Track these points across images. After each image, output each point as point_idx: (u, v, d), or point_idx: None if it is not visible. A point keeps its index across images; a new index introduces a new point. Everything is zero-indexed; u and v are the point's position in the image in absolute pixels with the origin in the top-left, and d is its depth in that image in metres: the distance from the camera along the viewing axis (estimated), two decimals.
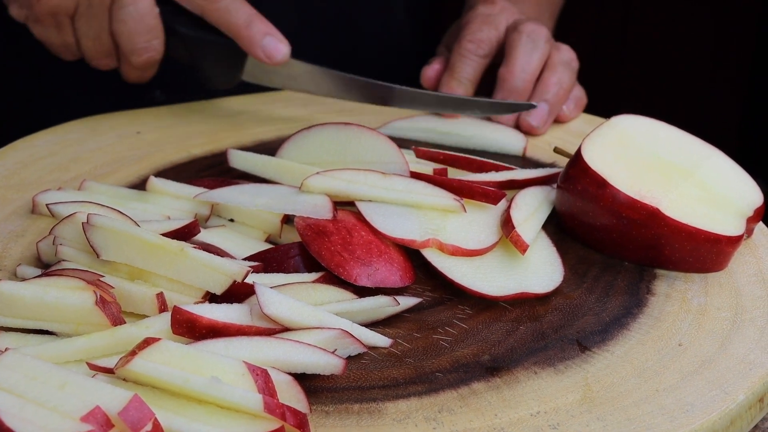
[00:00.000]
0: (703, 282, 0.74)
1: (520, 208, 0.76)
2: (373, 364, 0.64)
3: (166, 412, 0.54)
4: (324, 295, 0.67)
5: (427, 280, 0.74)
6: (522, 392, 0.62)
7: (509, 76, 0.97)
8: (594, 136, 0.78)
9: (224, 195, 0.77)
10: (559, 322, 0.69)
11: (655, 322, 0.69)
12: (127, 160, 0.91)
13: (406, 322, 0.69)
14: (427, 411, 0.60)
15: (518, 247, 0.72)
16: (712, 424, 0.60)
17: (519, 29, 0.98)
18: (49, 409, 0.52)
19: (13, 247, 0.75)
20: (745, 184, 0.78)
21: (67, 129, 0.96)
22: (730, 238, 0.73)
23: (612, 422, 0.59)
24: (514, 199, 0.77)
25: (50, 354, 0.60)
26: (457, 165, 0.84)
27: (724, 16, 2.09)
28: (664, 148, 0.78)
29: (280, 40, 0.92)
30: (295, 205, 0.75)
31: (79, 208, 0.72)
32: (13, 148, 0.92)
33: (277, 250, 0.73)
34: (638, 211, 0.73)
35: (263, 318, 0.62)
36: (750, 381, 0.63)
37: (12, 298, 0.62)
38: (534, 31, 0.98)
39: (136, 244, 0.65)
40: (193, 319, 0.60)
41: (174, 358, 0.56)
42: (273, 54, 0.91)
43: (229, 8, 0.91)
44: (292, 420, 0.55)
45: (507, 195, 0.79)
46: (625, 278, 0.74)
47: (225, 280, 0.64)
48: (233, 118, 1.00)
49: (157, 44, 0.92)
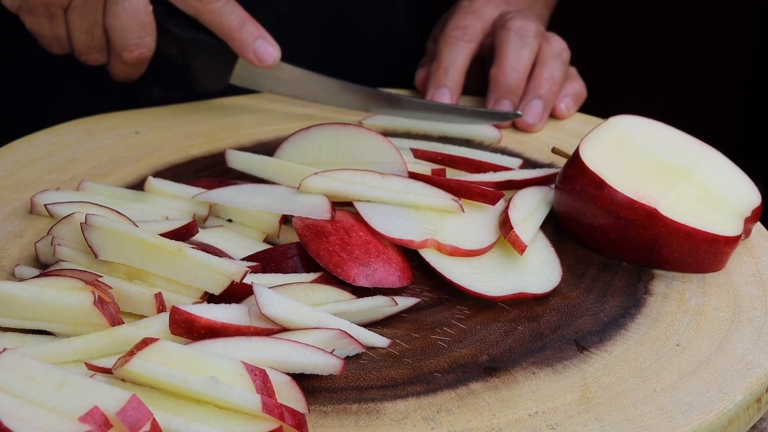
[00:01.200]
0: (701, 282, 0.74)
1: (518, 208, 0.77)
2: (371, 365, 0.64)
3: (164, 413, 0.54)
4: (322, 296, 0.67)
5: (426, 280, 0.74)
6: (520, 392, 0.62)
7: (501, 76, 0.97)
8: (592, 136, 0.78)
9: (222, 195, 0.77)
10: (557, 323, 0.69)
11: (653, 323, 0.69)
12: (126, 160, 0.91)
13: (404, 323, 0.69)
14: (426, 411, 0.60)
15: (516, 247, 0.72)
16: (710, 425, 0.60)
17: (507, 26, 0.98)
18: (48, 409, 0.52)
19: (12, 247, 0.75)
20: (742, 184, 0.78)
21: (65, 129, 0.96)
22: (728, 239, 0.73)
23: (610, 422, 0.59)
24: (512, 200, 0.77)
25: (48, 354, 0.60)
26: (455, 165, 0.84)
27: (722, 15, 2.09)
28: (662, 148, 0.78)
29: (271, 43, 0.92)
30: (293, 205, 0.75)
31: (77, 208, 0.72)
32: (11, 148, 0.92)
33: (276, 250, 0.73)
34: (636, 211, 0.73)
35: (261, 318, 0.62)
36: (748, 381, 0.63)
37: (10, 299, 0.62)
38: (522, 28, 0.98)
39: (135, 244, 0.65)
40: (191, 320, 0.60)
41: (172, 358, 0.56)
42: (264, 57, 0.92)
43: (222, 10, 0.91)
44: (291, 420, 0.55)
45: (505, 195, 0.79)
46: (623, 279, 0.74)
47: (223, 281, 0.64)
48: (232, 119, 1.00)
49: (149, 41, 0.92)
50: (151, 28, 0.91)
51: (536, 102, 0.97)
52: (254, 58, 0.92)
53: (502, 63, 0.97)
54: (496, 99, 0.98)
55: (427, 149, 0.86)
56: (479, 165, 0.84)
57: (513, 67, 0.97)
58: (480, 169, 0.84)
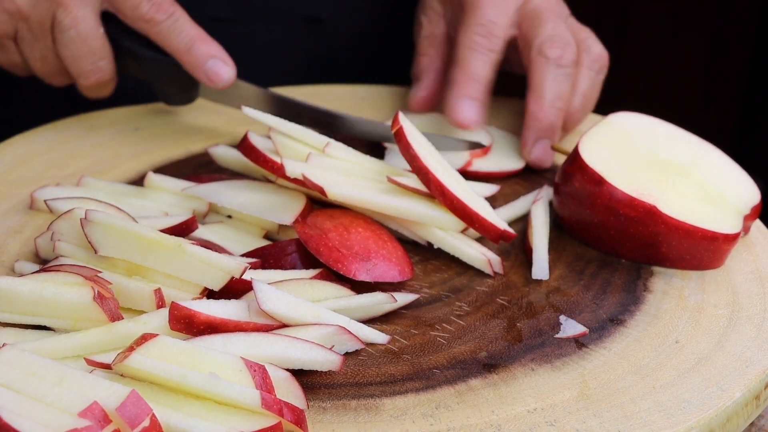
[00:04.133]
0: (700, 279, 0.74)
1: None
2: (370, 361, 0.64)
3: (163, 408, 0.54)
4: (321, 292, 0.67)
5: (425, 276, 0.74)
6: (519, 389, 0.62)
7: (540, 113, 0.87)
8: (591, 133, 0.78)
9: (208, 191, 0.77)
10: (557, 319, 0.69)
11: (651, 320, 0.69)
12: (126, 156, 0.91)
13: (403, 319, 0.69)
14: (425, 407, 0.60)
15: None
16: (709, 422, 0.60)
17: (544, 52, 0.87)
18: (47, 404, 0.52)
19: (11, 242, 0.75)
20: (742, 181, 0.78)
21: (66, 125, 0.96)
22: (727, 236, 0.73)
23: (609, 419, 0.59)
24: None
25: (48, 349, 0.60)
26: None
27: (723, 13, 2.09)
28: (662, 145, 0.79)
29: (225, 62, 0.88)
30: (264, 206, 0.75)
31: (77, 204, 0.72)
32: (11, 144, 0.92)
33: (275, 246, 0.73)
34: (635, 208, 0.73)
35: (261, 314, 0.62)
36: (746, 378, 0.63)
37: (10, 294, 0.62)
38: (561, 57, 0.87)
39: (134, 240, 0.65)
40: (190, 315, 0.60)
41: (172, 353, 0.56)
42: (215, 78, 0.88)
43: (169, 31, 0.88)
44: (290, 416, 0.55)
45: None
46: (622, 275, 0.74)
47: (223, 277, 0.64)
48: (231, 115, 0.99)
49: (104, 65, 0.89)
50: (104, 52, 0.89)
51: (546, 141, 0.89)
52: (206, 78, 0.88)
53: (540, 98, 0.87)
54: (535, 138, 0.88)
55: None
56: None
57: (551, 105, 0.86)
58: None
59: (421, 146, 0.74)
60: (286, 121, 0.79)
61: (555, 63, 0.87)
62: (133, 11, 0.88)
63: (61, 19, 0.87)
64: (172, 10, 0.88)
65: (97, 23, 0.88)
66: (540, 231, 0.77)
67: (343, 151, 0.78)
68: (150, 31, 0.89)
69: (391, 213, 0.74)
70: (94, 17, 0.88)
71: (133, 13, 0.88)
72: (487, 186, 0.84)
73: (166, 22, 0.88)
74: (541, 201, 0.81)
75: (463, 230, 0.76)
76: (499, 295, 0.72)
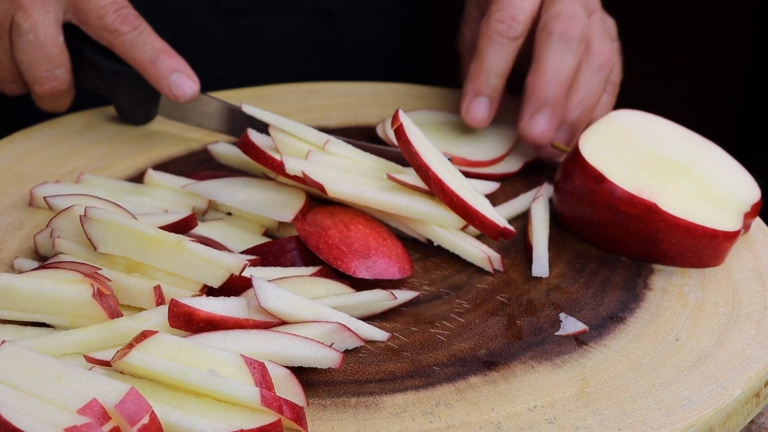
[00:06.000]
0: (700, 277, 0.74)
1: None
2: (370, 358, 0.64)
3: (163, 405, 0.54)
4: (321, 289, 0.67)
5: (425, 274, 0.74)
6: (519, 386, 0.62)
7: (538, 86, 0.84)
8: (592, 131, 0.78)
9: (207, 188, 0.77)
10: (556, 317, 0.69)
11: (652, 317, 0.69)
12: (125, 153, 0.90)
13: (403, 316, 0.69)
14: (424, 405, 0.60)
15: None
16: (709, 419, 0.60)
17: (549, 28, 0.85)
18: (46, 401, 0.52)
19: (11, 239, 0.75)
20: (742, 179, 0.78)
21: (65, 122, 0.96)
22: (727, 234, 0.73)
23: (609, 417, 0.59)
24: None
25: (47, 346, 0.60)
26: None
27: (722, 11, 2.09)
28: (662, 143, 0.78)
29: (189, 76, 0.87)
30: (265, 204, 0.74)
31: (76, 200, 0.72)
32: (10, 141, 0.92)
33: (275, 243, 0.73)
34: (636, 206, 0.73)
35: (260, 311, 0.62)
36: (746, 376, 0.63)
37: (9, 291, 0.62)
38: (566, 31, 0.84)
39: (134, 237, 0.65)
40: (190, 312, 0.60)
41: (171, 351, 0.56)
42: (179, 92, 0.86)
43: (133, 43, 0.86)
44: (289, 413, 0.55)
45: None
46: (622, 273, 0.74)
47: (222, 274, 0.64)
48: None
49: (60, 74, 0.87)
50: (62, 61, 0.87)
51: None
52: (169, 92, 0.86)
53: (540, 71, 0.84)
54: (532, 112, 0.85)
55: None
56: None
57: (551, 78, 0.84)
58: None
59: (420, 143, 0.74)
60: (286, 119, 0.78)
61: (558, 37, 0.84)
62: (98, 21, 0.87)
63: (20, 22, 0.85)
64: (137, 22, 0.87)
65: (57, 30, 0.87)
66: (540, 228, 0.77)
67: (343, 148, 0.78)
68: (114, 42, 0.87)
69: (391, 210, 0.74)
70: (55, 24, 0.87)
71: (97, 23, 0.87)
72: (487, 183, 0.84)
73: (130, 34, 0.87)
74: (541, 198, 0.81)
75: (463, 227, 0.76)
76: (499, 293, 0.72)
